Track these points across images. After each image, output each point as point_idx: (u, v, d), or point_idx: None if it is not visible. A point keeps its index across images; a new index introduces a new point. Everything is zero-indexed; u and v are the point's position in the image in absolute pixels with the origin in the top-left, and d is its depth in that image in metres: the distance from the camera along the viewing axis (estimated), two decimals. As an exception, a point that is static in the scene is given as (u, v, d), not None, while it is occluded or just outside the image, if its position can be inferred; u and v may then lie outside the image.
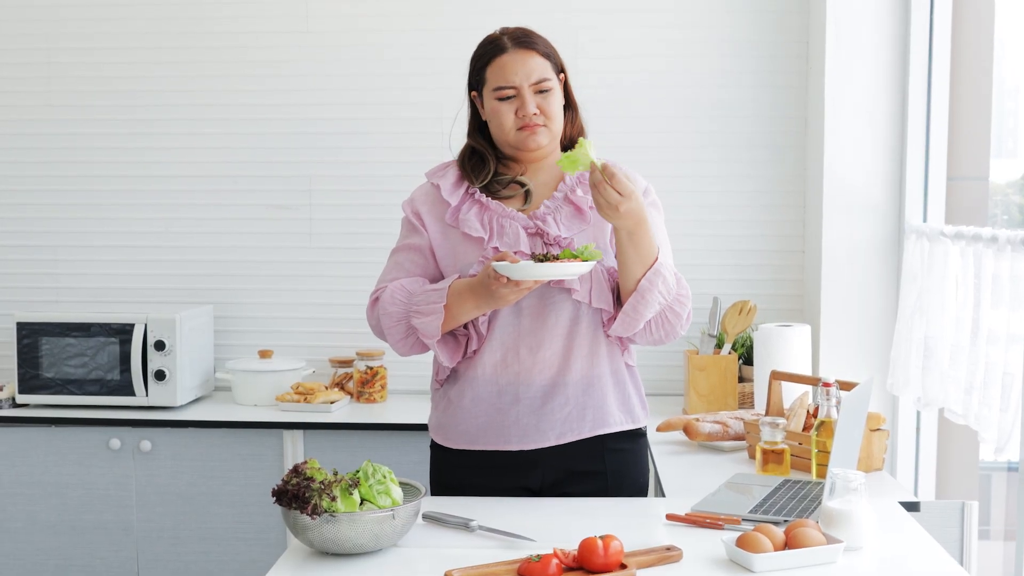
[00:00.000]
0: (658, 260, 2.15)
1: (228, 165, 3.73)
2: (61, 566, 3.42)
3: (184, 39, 3.70)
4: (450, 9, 3.62)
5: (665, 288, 2.16)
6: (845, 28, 3.17)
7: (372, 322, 2.29)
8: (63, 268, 3.80)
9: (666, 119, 3.60)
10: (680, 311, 2.22)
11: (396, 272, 2.28)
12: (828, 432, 2.30)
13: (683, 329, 2.25)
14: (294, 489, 1.84)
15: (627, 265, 2.15)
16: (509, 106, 2.22)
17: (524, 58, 2.21)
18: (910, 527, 2.05)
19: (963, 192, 3.07)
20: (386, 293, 2.24)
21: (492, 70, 2.23)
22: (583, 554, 1.77)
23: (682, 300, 2.22)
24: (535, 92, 2.21)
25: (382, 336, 2.29)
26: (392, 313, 2.22)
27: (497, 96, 2.22)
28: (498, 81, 2.22)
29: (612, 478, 2.30)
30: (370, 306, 2.28)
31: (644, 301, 2.15)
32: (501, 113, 2.22)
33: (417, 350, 2.26)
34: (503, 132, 2.24)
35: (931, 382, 2.74)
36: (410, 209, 2.31)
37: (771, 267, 3.60)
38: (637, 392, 2.33)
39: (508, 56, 2.22)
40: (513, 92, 2.21)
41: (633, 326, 2.19)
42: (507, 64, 2.21)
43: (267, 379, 3.51)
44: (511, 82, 2.21)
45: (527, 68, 2.21)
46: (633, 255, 2.13)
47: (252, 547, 3.36)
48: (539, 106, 2.21)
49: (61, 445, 3.40)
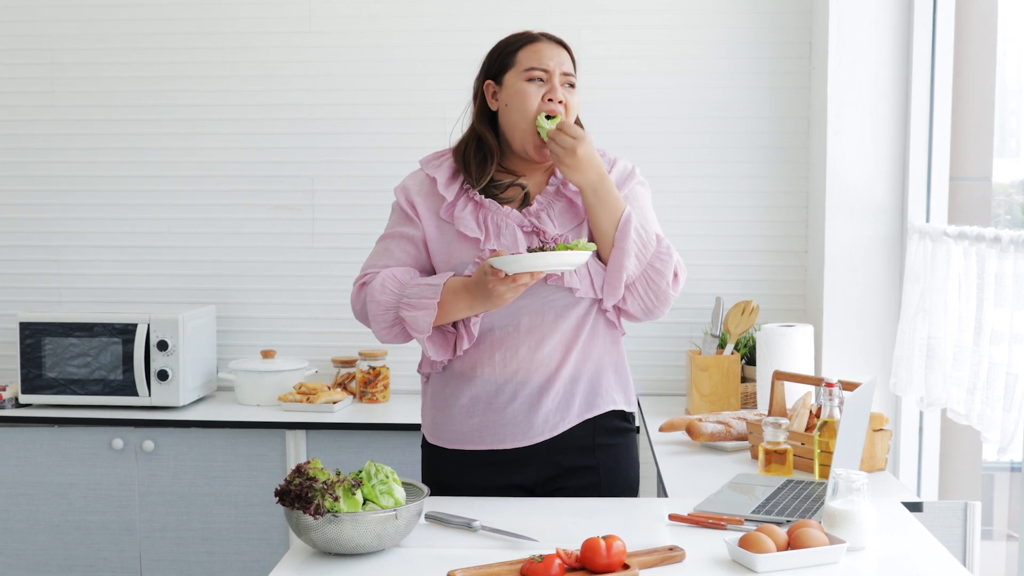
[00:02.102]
0: (626, 210, 2.18)
1: (231, 165, 3.73)
2: (64, 566, 3.42)
3: (187, 40, 3.71)
4: (453, 10, 3.62)
5: (639, 239, 2.18)
6: (848, 28, 3.17)
7: (356, 306, 2.28)
8: (66, 268, 3.81)
9: (669, 119, 3.59)
10: (663, 268, 2.21)
11: (385, 259, 2.27)
12: (831, 432, 2.30)
13: (673, 291, 2.24)
14: (297, 489, 1.85)
15: (598, 224, 2.19)
16: (538, 88, 2.23)
17: (557, 50, 2.27)
18: (913, 527, 2.04)
19: (966, 192, 3.07)
20: (376, 280, 2.22)
21: (525, 53, 2.25)
22: (586, 554, 1.77)
23: (663, 257, 2.21)
24: (563, 83, 2.25)
25: (364, 321, 2.28)
26: (381, 302, 2.21)
27: (527, 77, 2.23)
28: (532, 62, 2.24)
29: (604, 473, 2.31)
30: (356, 289, 2.27)
31: (622, 251, 2.17)
32: (528, 94, 2.22)
33: (400, 340, 2.26)
34: (525, 113, 2.22)
35: (934, 382, 2.74)
36: (403, 197, 2.30)
37: (774, 267, 3.60)
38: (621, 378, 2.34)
39: (543, 43, 2.27)
40: (544, 76, 2.24)
41: (617, 284, 2.20)
42: (542, 50, 2.26)
43: (270, 379, 3.51)
44: (545, 65, 2.24)
45: (559, 58, 2.26)
46: (601, 212, 2.18)
47: (255, 547, 3.37)
48: (565, 97, 2.24)
49: (64, 445, 3.40)
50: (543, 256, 2.04)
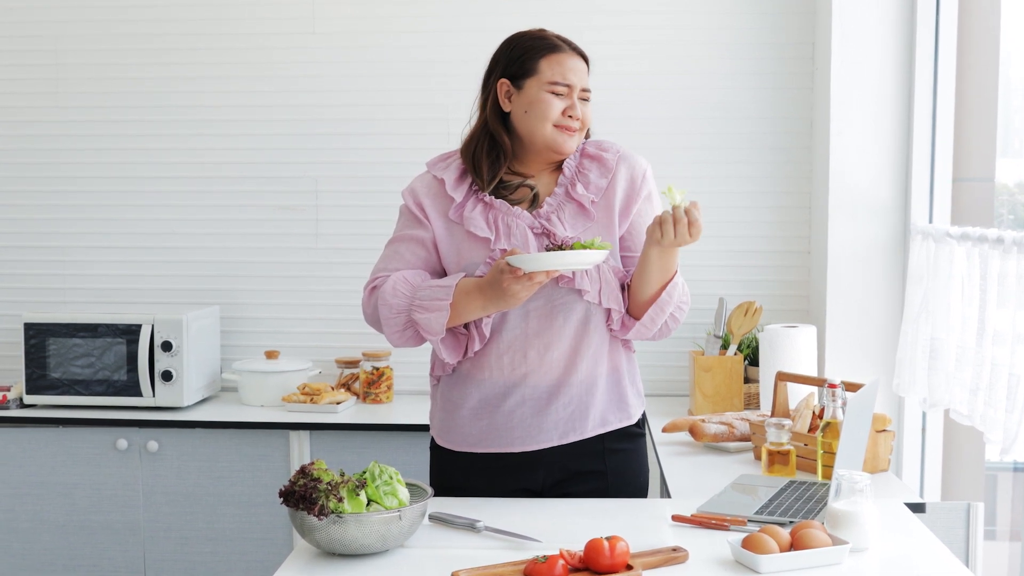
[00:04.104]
0: (676, 274, 2.21)
1: (235, 166, 3.74)
2: (68, 566, 3.43)
3: (191, 41, 3.71)
4: (456, 11, 3.62)
5: (676, 297, 2.23)
6: (851, 29, 3.17)
7: (368, 310, 2.27)
8: (70, 269, 3.82)
9: (672, 120, 3.60)
10: (679, 316, 2.28)
11: (396, 262, 2.26)
12: (834, 433, 2.30)
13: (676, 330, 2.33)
14: (301, 490, 1.85)
15: (648, 276, 2.18)
16: (561, 101, 2.22)
17: (580, 64, 2.26)
18: (916, 528, 2.05)
19: (969, 193, 3.07)
20: (388, 283, 2.21)
21: (549, 63, 2.23)
22: (589, 555, 1.77)
23: (682, 307, 2.27)
24: (580, 99, 2.25)
25: (376, 325, 2.27)
26: (393, 305, 2.20)
27: (551, 90, 2.22)
28: (556, 76, 2.22)
29: (613, 477, 2.30)
30: (367, 294, 2.26)
31: (661, 312, 2.22)
32: (551, 105, 2.21)
33: (413, 343, 2.24)
34: (543, 123, 2.22)
35: (937, 383, 2.74)
36: (412, 200, 2.29)
37: (777, 268, 3.60)
38: (634, 386, 2.35)
39: (567, 56, 2.25)
40: (567, 91, 2.23)
41: (647, 334, 2.26)
42: (567, 62, 2.24)
43: (273, 380, 3.52)
44: (569, 80, 2.23)
45: (580, 74, 2.25)
46: (658, 269, 2.18)
47: (259, 547, 3.37)
48: (582, 112, 2.25)
49: (68, 445, 3.41)
50: (562, 255, 2.04)
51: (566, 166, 2.27)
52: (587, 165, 2.28)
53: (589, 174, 2.26)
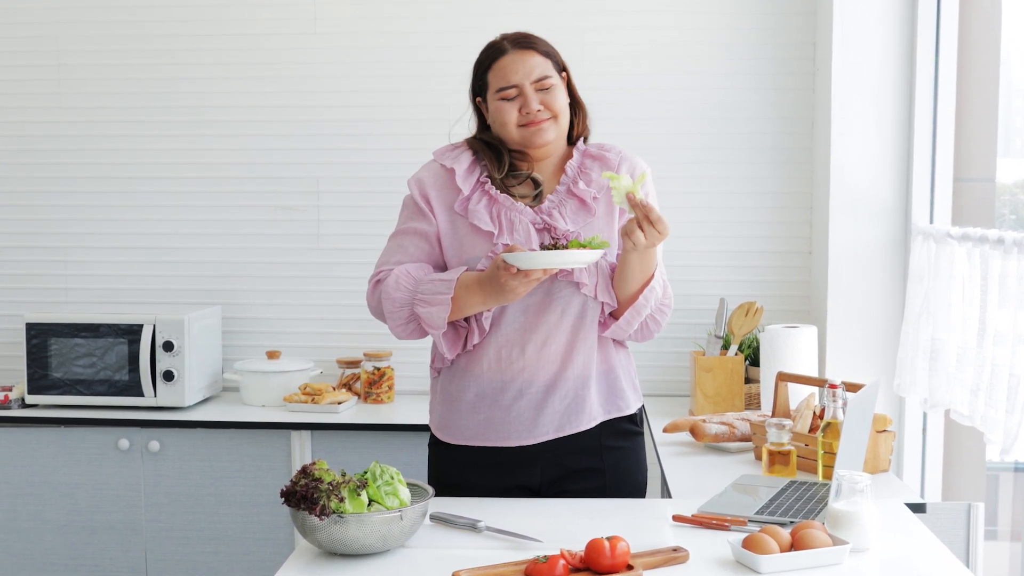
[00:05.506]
0: (653, 276, 2.23)
1: (237, 166, 3.74)
2: (70, 566, 3.43)
3: (193, 41, 3.72)
4: (456, 11, 3.62)
5: (654, 299, 2.26)
6: (852, 30, 3.18)
7: (372, 304, 2.30)
8: (72, 269, 3.82)
9: (673, 120, 3.60)
10: (660, 319, 2.31)
11: (399, 255, 2.28)
12: (834, 433, 2.30)
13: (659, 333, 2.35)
14: (303, 490, 1.85)
15: (628, 276, 2.21)
16: (512, 105, 2.24)
17: (524, 57, 2.25)
18: (916, 528, 2.05)
19: (970, 193, 3.07)
20: (391, 277, 2.23)
21: (493, 73, 2.26)
22: (590, 555, 1.77)
23: (663, 310, 2.31)
24: (537, 89, 2.24)
25: (381, 318, 2.29)
26: (396, 298, 2.22)
27: (500, 97, 2.25)
28: (500, 83, 2.25)
29: (611, 475, 2.31)
30: (371, 288, 2.29)
31: (638, 314, 2.25)
32: (504, 112, 2.25)
33: (417, 336, 2.27)
34: (507, 131, 2.26)
35: (937, 383, 2.74)
36: (418, 191, 2.30)
37: (778, 268, 3.60)
38: (630, 380, 2.37)
39: (508, 57, 2.25)
40: (515, 92, 2.24)
41: (624, 334, 2.30)
42: (507, 65, 2.25)
43: (275, 380, 3.52)
44: (511, 81, 2.24)
45: (527, 67, 2.24)
46: (638, 269, 2.21)
47: (260, 547, 3.38)
48: (543, 102, 2.24)
49: (70, 445, 3.41)
50: (555, 254, 2.05)
51: (569, 165, 2.29)
52: (589, 164, 2.31)
53: (591, 172, 2.29)
